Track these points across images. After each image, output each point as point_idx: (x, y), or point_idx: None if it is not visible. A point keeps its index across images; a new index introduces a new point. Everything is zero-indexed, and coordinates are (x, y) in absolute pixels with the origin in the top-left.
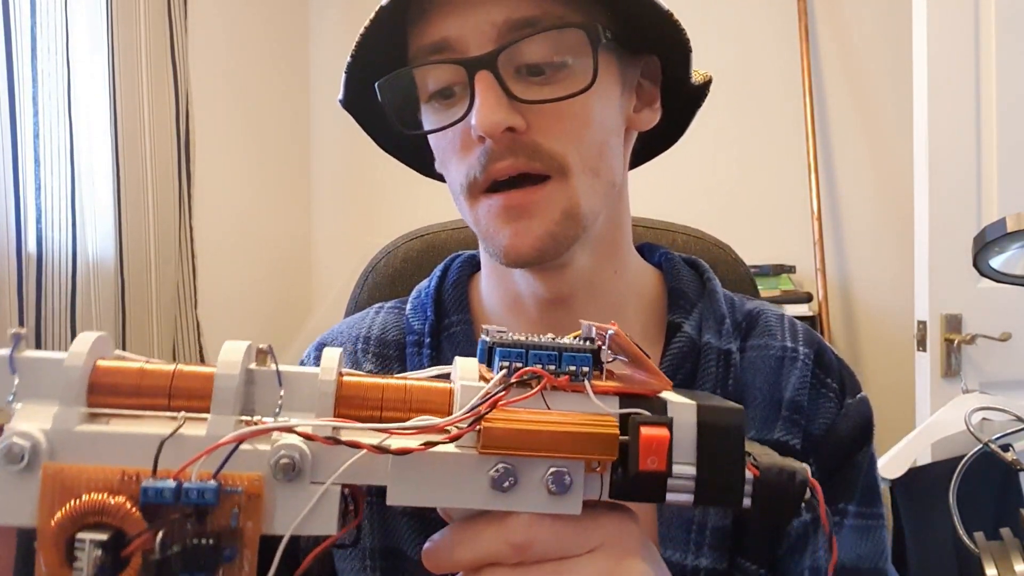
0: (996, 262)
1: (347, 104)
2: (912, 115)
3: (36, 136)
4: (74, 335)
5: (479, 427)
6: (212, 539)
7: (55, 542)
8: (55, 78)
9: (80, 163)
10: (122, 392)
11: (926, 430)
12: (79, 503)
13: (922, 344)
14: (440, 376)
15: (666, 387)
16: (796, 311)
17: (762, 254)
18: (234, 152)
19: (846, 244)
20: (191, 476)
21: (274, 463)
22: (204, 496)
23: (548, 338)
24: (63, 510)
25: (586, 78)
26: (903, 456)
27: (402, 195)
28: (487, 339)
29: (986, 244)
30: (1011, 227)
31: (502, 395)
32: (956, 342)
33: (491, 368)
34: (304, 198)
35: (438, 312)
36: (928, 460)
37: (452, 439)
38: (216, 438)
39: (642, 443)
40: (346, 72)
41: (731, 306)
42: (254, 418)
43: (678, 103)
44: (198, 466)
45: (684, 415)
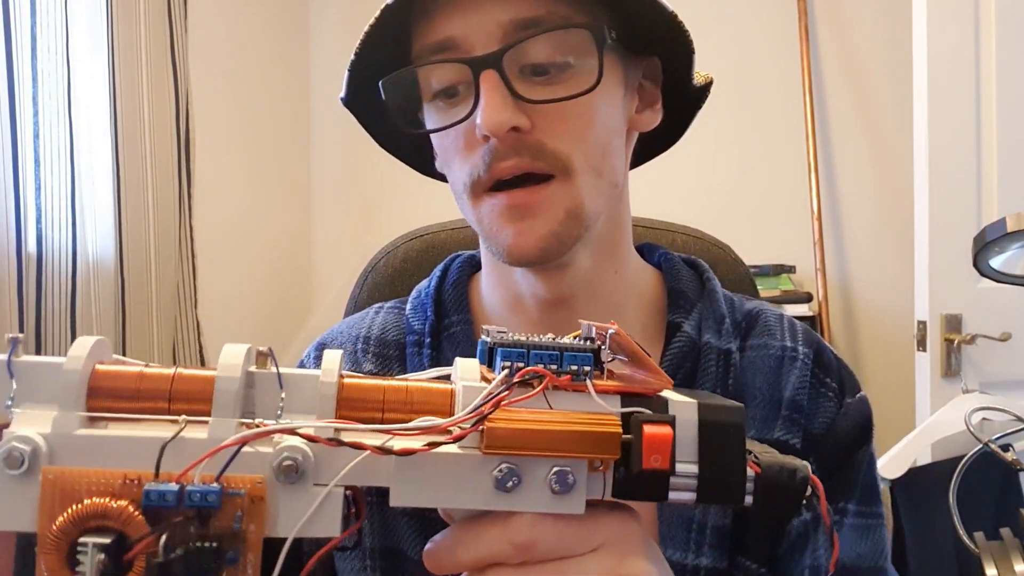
0: (996, 262)
1: (348, 102)
2: (912, 115)
3: (36, 136)
4: (74, 335)
5: (482, 427)
6: (215, 542)
7: (57, 546)
8: (55, 78)
9: (80, 163)
10: (121, 396)
11: (926, 430)
12: (81, 507)
13: (922, 344)
14: (440, 377)
15: (667, 385)
16: (796, 311)
17: (762, 254)
18: (234, 152)
19: (846, 244)
20: (194, 479)
21: (277, 465)
22: (207, 499)
23: (548, 338)
24: (65, 514)
25: (590, 78)
26: (903, 456)
27: (402, 195)
28: (488, 340)
29: (986, 244)
30: (1011, 227)
31: (505, 395)
32: (956, 342)
33: (492, 369)
34: (304, 198)
35: (438, 312)
36: (928, 460)
37: (455, 439)
38: (218, 441)
39: (645, 441)
40: (349, 70)
41: (731, 306)
42: (255, 421)
43: (678, 104)
44: (200, 469)
45: (685, 413)
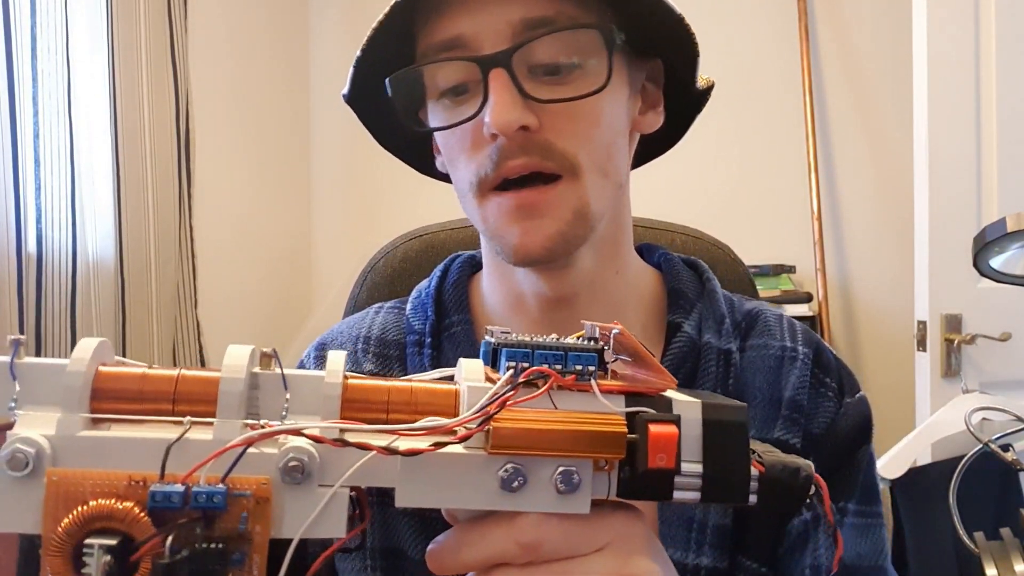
0: (996, 262)
1: (350, 99)
2: (912, 115)
3: (36, 136)
4: (74, 335)
5: (488, 427)
6: (221, 543)
7: (62, 548)
8: (55, 78)
9: (80, 163)
10: (125, 397)
11: (926, 430)
12: (86, 509)
13: (922, 344)
14: (443, 378)
15: (671, 385)
16: (796, 311)
17: (762, 254)
18: (234, 152)
19: (846, 244)
20: (199, 480)
21: (282, 466)
22: (213, 500)
23: (552, 338)
24: (70, 516)
25: (599, 79)
26: (903, 456)
27: (402, 195)
28: (492, 340)
29: (986, 244)
30: (1011, 227)
31: (511, 395)
32: (956, 342)
33: (496, 369)
34: (304, 198)
35: (438, 312)
36: (928, 460)
37: (461, 440)
38: (223, 442)
39: (651, 440)
40: (354, 67)
41: (730, 306)
42: (260, 422)
43: (678, 107)
44: (206, 470)
45: (689, 413)
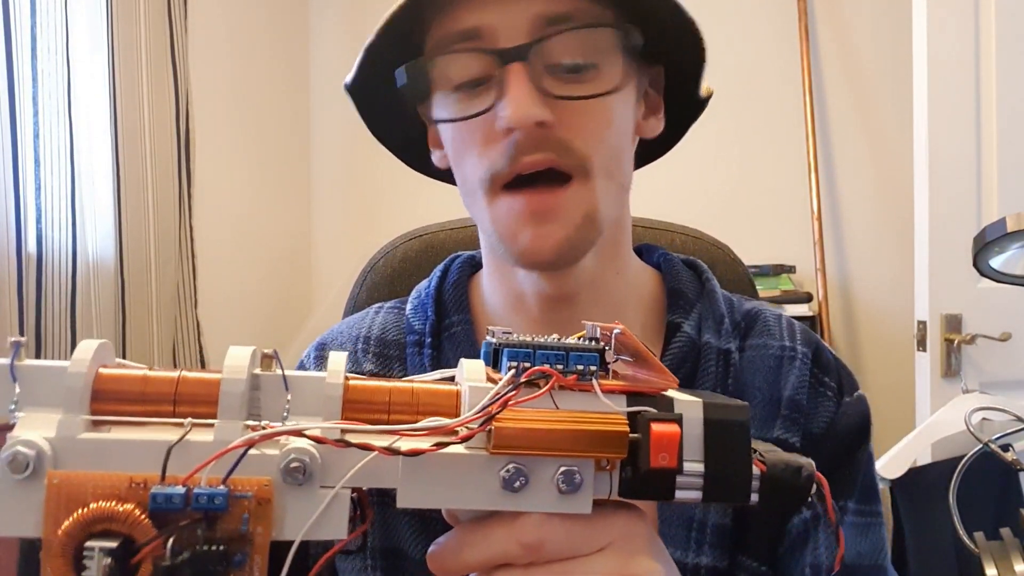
0: (996, 262)
1: (352, 88)
2: (912, 115)
3: (36, 136)
4: (74, 335)
5: (490, 427)
6: (222, 545)
7: (63, 551)
8: (55, 78)
9: (80, 163)
10: (126, 399)
11: (926, 430)
12: (87, 511)
13: (922, 344)
14: (444, 379)
15: (672, 385)
16: (796, 311)
17: (762, 254)
18: (234, 152)
19: (846, 244)
20: (200, 482)
21: (283, 467)
22: (214, 501)
23: (554, 338)
24: (71, 518)
25: (612, 79)
26: (903, 456)
27: (402, 195)
28: (493, 340)
29: (986, 244)
30: (1011, 227)
31: (512, 395)
32: (956, 342)
33: (497, 369)
34: (304, 198)
35: (438, 312)
36: (928, 460)
37: (463, 440)
38: (224, 443)
39: (653, 440)
40: (364, 52)
41: (730, 306)
42: (261, 423)
43: (675, 114)
44: (207, 472)
45: (691, 412)
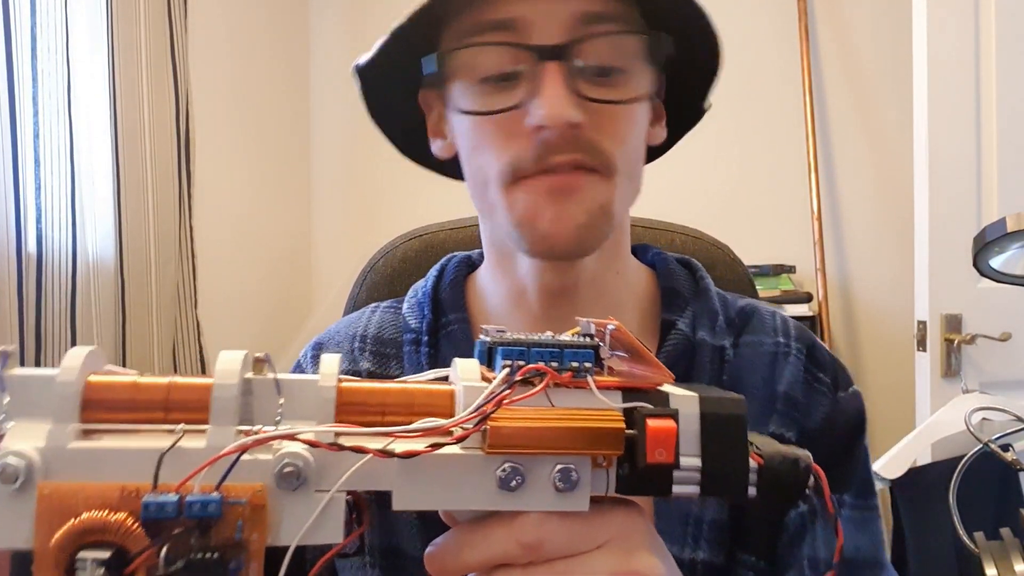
0: (996, 262)
1: (363, 70)
2: (912, 115)
3: (36, 136)
4: (74, 335)
5: (485, 427)
6: (217, 552)
7: (55, 563)
8: (55, 78)
9: (80, 163)
10: (116, 407)
11: (926, 430)
12: (78, 521)
13: (922, 344)
14: (438, 379)
15: (668, 380)
16: (796, 311)
17: (762, 254)
18: (234, 152)
19: (846, 244)
20: (193, 489)
21: (277, 472)
22: (208, 508)
23: (548, 336)
24: (62, 529)
25: (642, 85)
26: (903, 456)
27: (402, 195)
28: (486, 339)
29: (986, 244)
30: (1011, 227)
31: (507, 393)
32: (956, 342)
33: (491, 368)
34: (304, 198)
35: (435, 311)
36: (928, 460)
37: (458, 440)
38: (217, 449)
39: (649, 435)
40: (391, 36)
41: (724, 304)
42: (254, 428)
43: (672, 123)
44: (200, 478)
45: (687, 407)
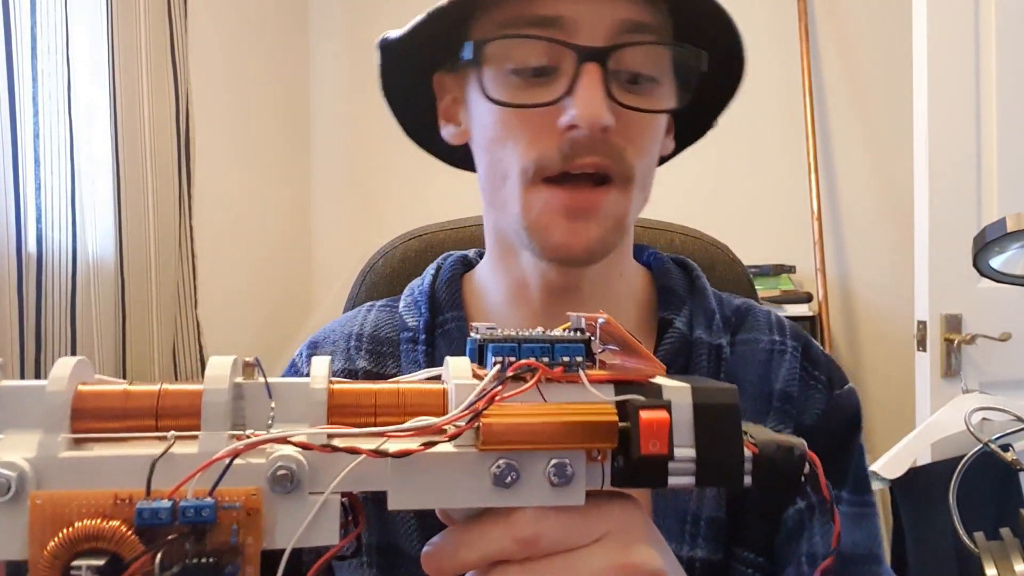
0: (996, 262)
1: (389, 46)
2: (912, 115)
3: (36, 136)
4: (74, 335)
5: (478, 424)
6: (212, 557)
7: (49, 572)
8: (55, 78)
9: (80, 163)
10: (107, 416)
11: (926, 430)
12: (72, 530)
13: (922, 344)
14: (431, 378)
15: (660, 372)
16: (796, 311)
17: (762, 254)
18: (234, 152)
19: (846, 244)
20: (187, 495)
21: (271, 476)
22: (202, 514)
23: (539, 331)
24: (56, 539)
25: (672, 97)
26: (903, 456)
27: (402, 195)
28: (476, 337)
29: (986, 244)
30: (1011, 227)
31: (498, 390)
32: (956, 342)
33: (483, 365)
34: (304, 198)
35: (432, 309)
36: (928, 460)
37: (451, 438)
38: (209, 454)
39: (642, 427)
40: (428, 15)
41: (719, 303)
42: (246, 432)
43: (679, 135)
44: (193, 484)
45: (680, 398)
